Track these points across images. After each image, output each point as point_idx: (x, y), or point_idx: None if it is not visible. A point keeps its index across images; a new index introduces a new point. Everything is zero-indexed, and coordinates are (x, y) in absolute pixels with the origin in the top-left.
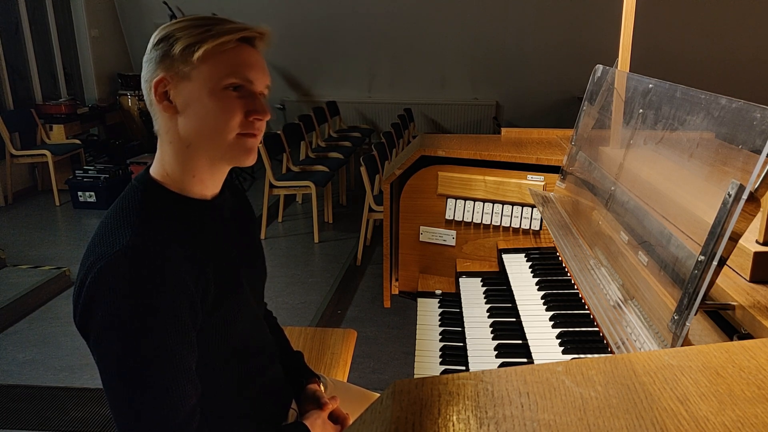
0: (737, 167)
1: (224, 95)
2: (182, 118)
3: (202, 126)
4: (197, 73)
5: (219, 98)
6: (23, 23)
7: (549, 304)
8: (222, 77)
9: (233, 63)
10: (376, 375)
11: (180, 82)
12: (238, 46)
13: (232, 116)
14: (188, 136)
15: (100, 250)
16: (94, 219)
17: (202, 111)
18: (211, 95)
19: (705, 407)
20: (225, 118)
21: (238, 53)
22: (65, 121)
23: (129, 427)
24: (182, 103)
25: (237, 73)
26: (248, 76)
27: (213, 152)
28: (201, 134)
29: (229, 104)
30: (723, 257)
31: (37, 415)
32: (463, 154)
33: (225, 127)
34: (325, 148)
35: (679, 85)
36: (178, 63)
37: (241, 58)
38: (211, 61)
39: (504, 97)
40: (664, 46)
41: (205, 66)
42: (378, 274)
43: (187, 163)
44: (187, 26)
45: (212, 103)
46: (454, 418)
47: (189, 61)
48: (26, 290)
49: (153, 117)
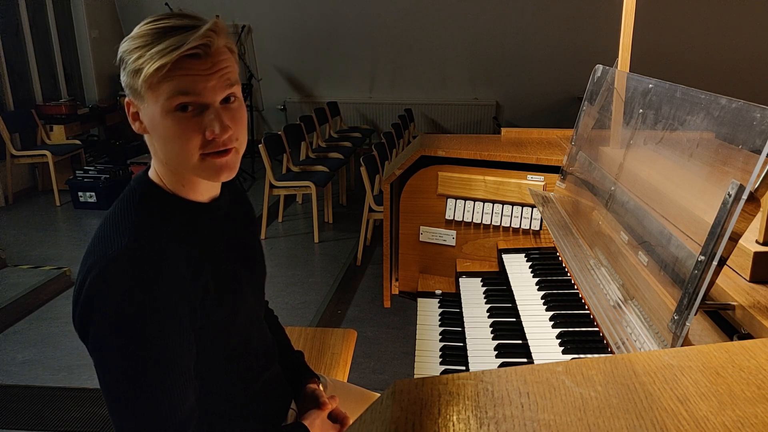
0: (737, 167)
1: (175, 117)
2: (153, 138)
3: (167, 148)
4: (149, 97)
5: (171, 121)
6: (23, 24)
7: (549, 304)
8: (167, 99)
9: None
10: (376, 375)
11: (140, 103)
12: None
13: (188, 139)
14: (159, 154)
15: (99, 252)
16: (95, 219)
17: (162, 134)
18: (163, 118)
19: (705, 407)
20: (181, 142)
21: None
22: (65, 122)
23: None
24: (148, 124)
25: (180, 92)
26: (194, 93)
27: (186, 171)
28: (169, 155)
29: (182, 127)
30: (723, 257)
31: (36, 415)
32: (463, 154)
33: (184, 151)
34: (325, 148)
35: (679, 85)
36: (133, 85)
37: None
38: (155, 85)
39: (504, 97)
40: (664, 46)
41: (151, 91)
42: (378, 274)
43: (174, 175)
44: (133, 47)
45: (166, 126)
46: (454, 418)
47: (139, 84)
48: (26, 290)
49: None
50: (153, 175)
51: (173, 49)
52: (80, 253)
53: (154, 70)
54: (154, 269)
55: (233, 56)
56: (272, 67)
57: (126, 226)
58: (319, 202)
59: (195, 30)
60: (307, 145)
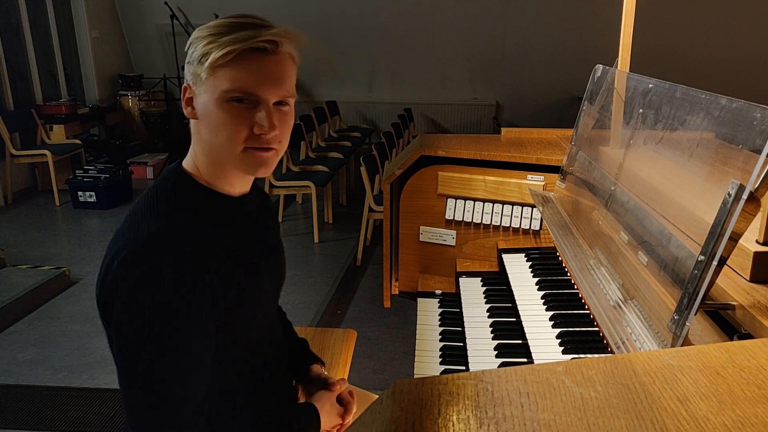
0: (737, 167)
1: (229, 107)
2: (200, 124)
3: (214, 136)
4: (209, 83)
5: (224, 110)
6: (24, 24)
7: (549, 304)
8: (225, 89)
9: (237, 74)
10: (376, 375)
11: (197, 88)
12: (247, 56)
13: (236, 130)
14: (207, 143)
15: (127, 237)
16: (94, 219)
17: (212, 122)
18: (217, 107)
19: (705, 407)
20: (229, 132)
21: (244, 63)
22: (65, 122)
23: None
24: (200, 111)
25: (239, 85)
26: (251, 88)
27: (227, 161)
28: (214, 144)
29: (233, 117)
30: (723, 257)
31: (36, 414)
32: (463, 154)
33: (230, 141)
34: (325, 148)
35: (679, 85)
36: (197, 71)
37: (247, 69)
38: (218, 71)
39: (504, 97)
40: (664, 46)
41: (213, 77)
42: (378, 274)
43: (213, 165)
44: (205, 34)
45: (218, 114)
46: (454, 418)
47: (202, 70)
48: (26, 290)
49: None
50: (188, 165)
51: (242, 40)
52: (80, 252)
53: (222, 55)
54: (181, 258)
55: (295, 67)
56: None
57: (156, 214)
58: (319, 202)
59: (267, 28)
60: (307, 144)
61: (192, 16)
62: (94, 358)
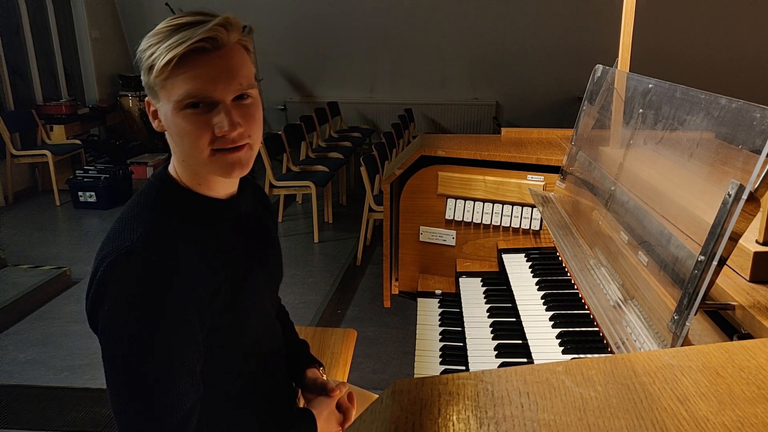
0: (737, 167)
1: (186, 115)
2: (168, 135)
3: (180, 145)
4: (163, 94)
5: (182, 119)
6: (24, 24)
7: (549, 304)
8: (177, 98)
9: (185, 80)
10: (376, 375)
11: (155, 101)
12: (191, 58)
13: (198, 136)
14: (177, 152)
15: (113, 244)
16: (95, 219)
17: (175, 132)
18: (175, 116)
19: (705, 407)
20: (191, 139)
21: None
22: (65, 122)
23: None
24: (164, 122)
25: (189, 91)
26: (202, 91)
27: (200, 168)
28: (183, 152)
29: (192, 124)
30: (723, 257)
31: (37, 415)
32: (463, 154)
33: (195, 148)
34: (325, 148)
35: (679, 85)
36: (149, 84)
37: (193, 73)
38: (167, 81)
39: (504, 97)
40: (664, 46)
41: (165, 88)
42: (378, 274)
43: (189, 172)
44: (147, 45)
45: (178, 123)
46: (454, 418)
47: (154, 81)
48: (27, 290)
49: None
50: (172, 170)
51: (180, 43)
52: (80, 252)
53: (163, 65)
54: (165, 265)
55: (248, 54)
56: (273, 67)
57: (141, 220)
58: (319, 202)
59: (203, 25)
60: (307, 144)
61: None
62: (95, 358)
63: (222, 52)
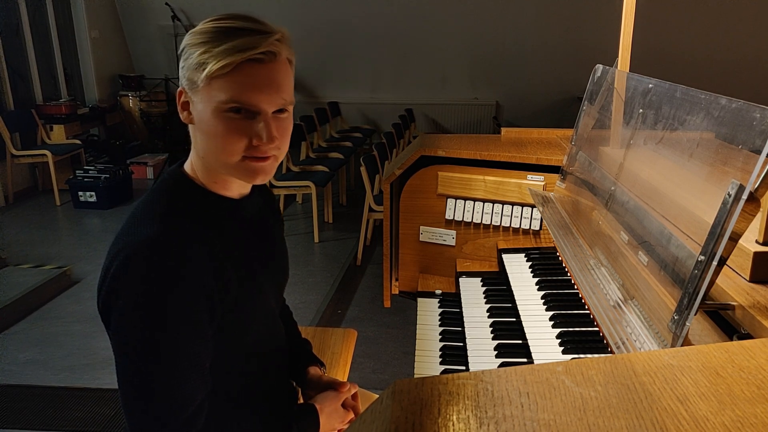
0: (737, 167)
1: (226, 118)
2: (198, 132)
3: (210, 145)
4: (205, 92)
5: (221, 121)
6: (24, 24)
7: (549, 304)
8: (223, 100)
9: (233, 85)
10: (376, 375)
11: (193, 95)
12: (245, 66)
13: (233, 141)
14: (199, 148)
15: (125, 240)
16: (95, 219)
17: (208, 130)
18: (214, 117)
19: (705, 407)
20: (226, 143)
21: (241, 74)
22: (65, 122)
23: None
24: (196, 117)
25: (237, 97)
26: (250, 100)
27: (223, 169)
28: (209, 151)
29: (231, 129)
30: (723, 257)
31: (38, 414)
32: (463, 154)
33: (227, 151)
34: (325, 148)
35: (679, 85)
36: (192, 78)
37: (244, 80)
38: (214, 82)
39: (504, 97)
40: (664, 46)
41: (209, 87)
42: (378, 274)
43: (208, 170)
44: (198, 42)
45: (215, 124)
46: (454, 418)
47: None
48: (27, 290)
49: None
50: (188, 167)
51: (240, 51)
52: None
53: (219, 67)
54: (177, 261)
55: (292, 70)
56: None
57: (154, 216)
58: (319, 202)
59: (264, 35)
60: (308, 144)
61: (194, 17)
62: (96, 358)
63: (273, 65)
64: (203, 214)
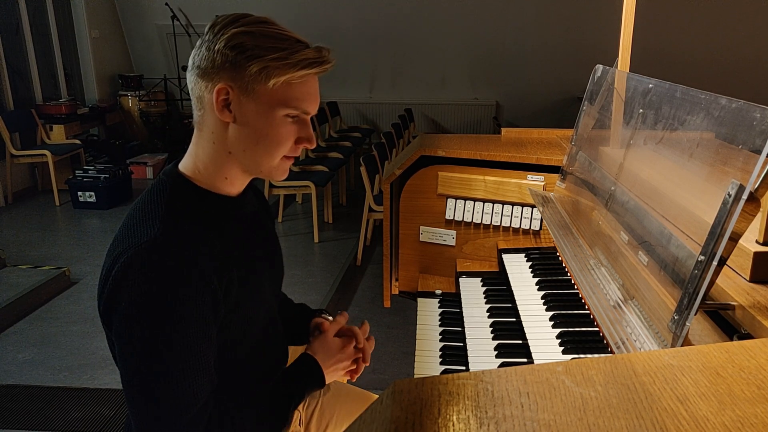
0: (737, 167)
1: (282, 122)
2: (236, 128)
3: (253, 145)
4: (265, 97)
5: (277, 125)
6: (24, 24)
7: (549, 304)
8: (287, 107)
9: (299, 95)
10: (376, 375)
11: (244, 96)
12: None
13: (284, 143)
14: (235, 146)
15: (127, 242)
16: (94, 219)
17: (258, 132)
18: (271, 121)
19: (705, 407)
20: (277, 145)
21: (306, 86)
22: (65, 122)
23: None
24: (241, 116)
25: (300, 105)
26: (308, 108)
27: (252, 167)
28: (248, 150)
29: (285, 132)
30: (723, 257)
31: (36, 415)
32: (463, 154)
33: (275, 152)
34: (325, 148)
35: (679, 85)
36: (249, 80)
37: (307, 91)
38: (280, 89)
39: (504, 97)
40: (664, 46)
41: (274, 92)
42: (378, 274)
43: (222, 166)
44: (265, 46)
45: (269, 128)
46: (454, 418)
47: (260, 82)
48: (26, 290)
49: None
50: (187, 167)
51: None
52: (80, 252)
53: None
54: (181, 261)
55: None
56: None
57: (154, 218)
58: (319, 202)
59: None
60: None
61: (193, 17)
62: (94, 359)
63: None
64: (202, 214)
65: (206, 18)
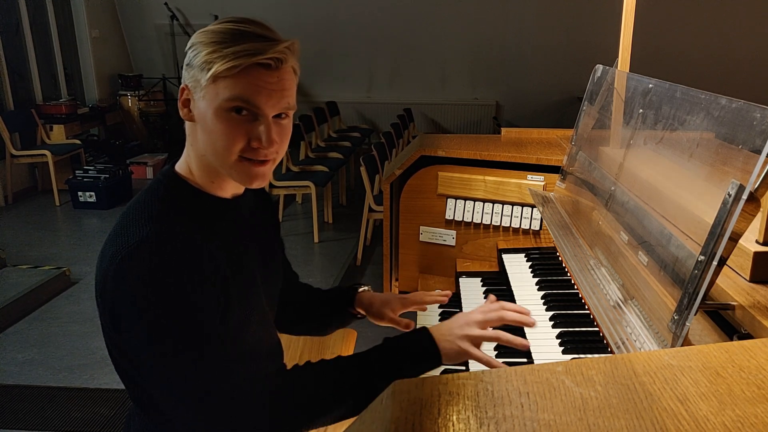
0: (737, 167)
1: (227, 117)
2: (197, 128)
3: (209, 143)
4: (209, 90)
5: (222, 120)
6: (24, 23)
7: (549, 304)
8: (226, 98)
9: (239, 87)
10: None
11: (196, 93)
12: (252, 70)
13: (233, 141)
14: (200, 147)
15: (120, 241)
16: (94, 219)
17: (209, 128)
18: (216, 115)
19: (705, 407)
20: (225, 142)
21: (247, 76)
22: (65, 122)
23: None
24: (197, 115)
25: (241, 97)
26: (253, 101)
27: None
28: (208, 150)
29: (231, 128)
30: (723, 257)
31: (36, 415)
32: (463, 154)
33: (226, 150)
34: (324, 148)
35: (679, 85)
36: (197, 77)
37: (249, 82)
38: (220, 81)
39: (504, 97)
40: (664, 46)
41: (214, 85)
42: (378, 274)
43: (205, 169)
44: (208, 40)
45: (216, 123)
46: (454, 418)
47: (204, 77)
48: (26, 290)
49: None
50: (182, 167)
51: (249, 54)
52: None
53: (226, 68)
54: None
55: (296, 79)
56: None
57: (148, 217)
58: (319, 202)
59: (273, 42)
60: (307, 144)
61: (192, 17)
62: (94, 358)
63: (279, 72)
64: (198, 214)
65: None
